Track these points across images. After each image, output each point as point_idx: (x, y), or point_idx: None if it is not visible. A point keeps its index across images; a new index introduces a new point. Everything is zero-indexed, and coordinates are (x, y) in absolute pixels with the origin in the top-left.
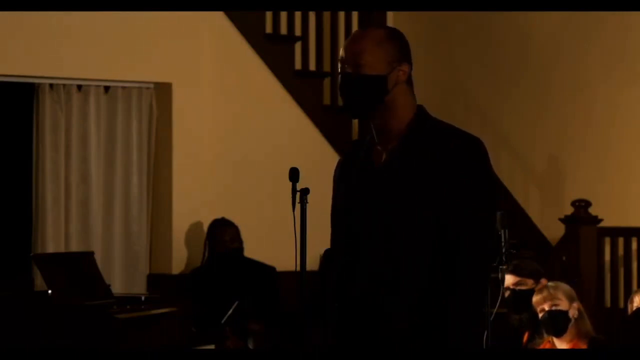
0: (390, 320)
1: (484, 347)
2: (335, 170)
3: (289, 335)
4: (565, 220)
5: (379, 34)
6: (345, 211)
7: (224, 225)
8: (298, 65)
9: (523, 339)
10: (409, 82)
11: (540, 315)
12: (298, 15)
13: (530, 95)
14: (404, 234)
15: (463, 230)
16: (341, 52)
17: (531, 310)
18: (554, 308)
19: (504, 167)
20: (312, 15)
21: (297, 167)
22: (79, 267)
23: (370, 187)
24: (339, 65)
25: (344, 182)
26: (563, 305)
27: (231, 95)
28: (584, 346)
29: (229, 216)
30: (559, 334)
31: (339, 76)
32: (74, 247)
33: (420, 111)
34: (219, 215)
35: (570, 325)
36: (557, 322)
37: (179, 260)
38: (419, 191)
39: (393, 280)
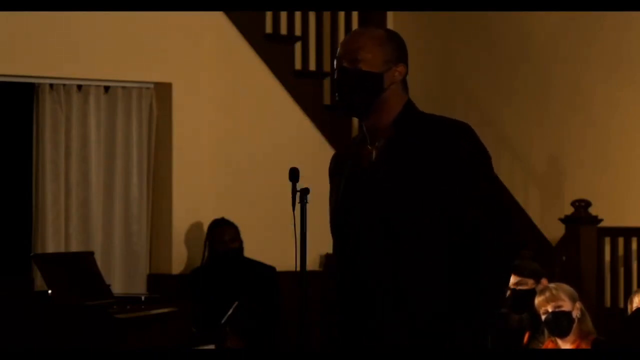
0: (392, 322)
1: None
2: (330, 164)
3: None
4: (565, 220)
5: (378, 33)
6: (340, 213)
7: (224, 225)
8: (298, 65)
9: (523, 339)
10: (404, 83)
11: (543, 316)
12: (298, 15)
13: (530, 95)
14: (406, 232)
15: (481, 218)
16: (339, 49)
17: (531, 311)
18: (557, 309)
19: (504, 167)
20: (312, 15)
21: (297, 167)
22: (79, 267)
23: (364, 187)
24: (336, 62)
25: (337, 183)
26: (566, 305)
27: (231, 95)
28: (586, 346)
29: (229, 216)
30: (563, 335)
31: (336, 71)
32: (74, 247)
33: (407, 106)
34: (219, 215)
35: (574, 326)
36: (561, 323)
37: (179, 260)
38: (417, 186)
39: (395, 283)
